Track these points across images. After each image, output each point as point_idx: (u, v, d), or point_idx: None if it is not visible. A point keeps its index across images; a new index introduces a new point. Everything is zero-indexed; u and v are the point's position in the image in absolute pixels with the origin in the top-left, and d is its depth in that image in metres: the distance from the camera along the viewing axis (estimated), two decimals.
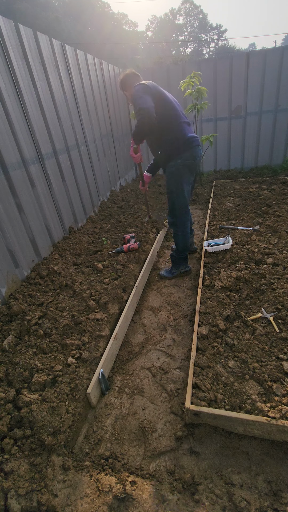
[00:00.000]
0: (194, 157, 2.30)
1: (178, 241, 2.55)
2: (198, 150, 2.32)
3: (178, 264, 2.65)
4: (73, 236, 3.13)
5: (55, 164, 2.94)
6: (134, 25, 39.38)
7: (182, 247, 2.57)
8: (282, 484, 1.14)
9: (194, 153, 2.29)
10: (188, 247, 2.62)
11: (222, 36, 42.41)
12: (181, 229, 2.50)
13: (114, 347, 1.81)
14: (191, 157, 2.29)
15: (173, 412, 1.48)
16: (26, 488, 1.11)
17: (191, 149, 2.27)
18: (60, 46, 3.01)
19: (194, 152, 2.30)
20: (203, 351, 1.65)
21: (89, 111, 3.74)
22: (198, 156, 2.34)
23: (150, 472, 1.24)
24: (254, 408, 1.29)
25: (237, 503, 1.09)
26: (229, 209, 3.72)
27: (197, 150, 2.31)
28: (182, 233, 2.51)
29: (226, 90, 4.95)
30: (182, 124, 2.26)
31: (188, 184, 2.39)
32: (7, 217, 2.21)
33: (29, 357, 1.63)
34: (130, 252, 2.74)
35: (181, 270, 2.66)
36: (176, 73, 5.01)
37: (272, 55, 4.61)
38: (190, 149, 2.27)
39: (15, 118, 2.31)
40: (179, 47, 41.86)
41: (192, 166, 2.34)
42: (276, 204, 3.59)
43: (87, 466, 1.26)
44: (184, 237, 2.53)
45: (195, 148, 2.29)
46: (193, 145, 2.27)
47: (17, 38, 2.32)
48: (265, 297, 2.00)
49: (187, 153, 2.27)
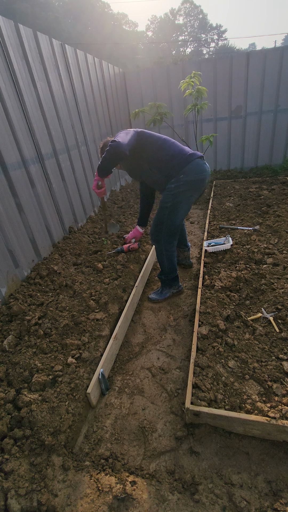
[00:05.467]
0: (198, 172, 1.93)
1: (163, 261, 2.20)
2: (202, 163, 1.97)
3: (169, 285, 2.33)
4: (73, 236, 3.14)
5: (55, 164, 2.94)
6: (134, 25, 39.37)
7: (168, 269, 2.22)
8: (282, 484, 1.14)
9: (198, 167, 1.93)
10: (174, 268, 2.24)
11: (222, 36, 42.40)
12: (167, 254, 2.16)
13: (114, 347, 1.81)
14: (195, 171, 1.92)
15: (173, 412, 1.48)
16: (26, 488, 1.11)
17: (194, 162, 1.92)
18: (60, 46, 3.01)
19: (199, 165, 1.93)
20: (203, 351, 1.65)
21: (89, 111, 3.74)
22: (205, 170, 1.96)
23: (150, 472, 1.24)
24: (254, 408, 1.29)
25: (237, 503, 1.09)
26: (229, 209, 3.72)
27: (201, 163, 1.95)
28: (167, 252, 2.15)
29: (226, 90, 4.94)
30: (176, 143, 2.01)
31: (189, 206, 2.05)
32: (7, 217, 2.21)
33: (29, 357, 1.63)
34: (130, 252, 2.73)
35: (173, 290, 2.36)
36: (176, 73, 5.01)
37: (272, 55, 4.60)
38: (192, 162, 1.92)
39: (15, 118, 2.31)
40: (179, 47, 41.85)
41: (197, 183, 1.95)
42: (276, 204, 3.59)
43: (87, 466, 1.26)
44: (170, 257, 2.17)
45: (199, 161, 1.94)
46: (195, 158, 1.93)
47: (17, 38, 2.33)
48: (265, 297, 2.00)
49: (189, 166, 1.91)
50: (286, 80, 4.70)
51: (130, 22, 38.66)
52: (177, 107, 5.21)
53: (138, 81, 5.27)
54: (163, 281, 2.33)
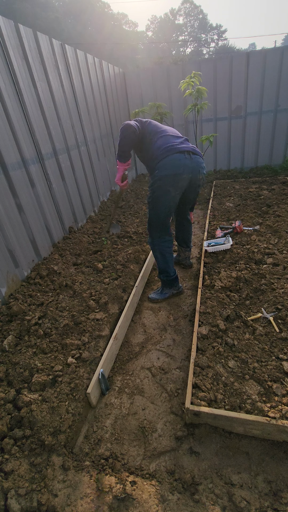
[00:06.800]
0: (172, 166, 1.87)
1: (156, 256, 2.24)
2: (181, 157, 1.89)
3: (169, 285, 2.34)
4: (73, 236, 3.13)
5: (55, 164, 2.94)
6: (134, 25, 39.41)
7: (162, 265, 2.24)
8: (282, 484, 1.14)
9: (172, 161, 1.87)
10: (168, 265, 2.23)
11: (222, 36, 42.40)
12: (159, 249, 2.19)
13: (114, 347, 1.81)
14: (169, 166, 1.88)
15: (173, 412, 1.48)
16: (26, 488, 1.11)
17: (169, 156, 1.88)
18: (60, 46, 3.01)
19: (174, 160, 1.87)
20: (203, 351, 1.65)
21: (89, 111, 3.74)
22: (183, 164, 1.90)
23: (150, 472, 1.24)
24: (254, 408, 1.29)
25: (237, 503, 1.09)
26: (229, 209, 3.72)
27: (178, 157, 1.88)
28: (161, 254, 2.20)
29: (226, 90, 4.94)
30: (167, 136, 1.99)
31: (170, 201, 2.00)
32: (7, 217, 2.21)
33: (29, 357, 1.63)
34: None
35: (173, 291, 2.36)
36: (176, 73, 5.01)
37: (272, 55, 4.61)
38: (167, 157, 1.88)
39: (15, 118, 2.31)
40: (179, 47, 41.86)
41: (172, 178, 1.91)
42: (276, 204, 3.59)
43: (87, 466, 1.26)
44: (162, 252, 2.19)
45: (176, 155, 1.88)
46: (173, 152, 1.88)
47: (17, 38, 2.32)
48: (265, 297, 2.00)
49: (163, 161, 1.89)
50: (286, 80, 4.70)
51: (130, 22, 38.71)
52: (177, 107, 5.21)
53: (138, 81, 5.27)
54: (163, 281, 2.34)
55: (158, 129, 2.06)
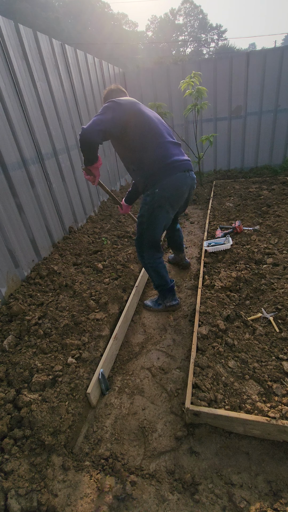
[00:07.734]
0: (176, 187, 1.78)
1: (151, 274, 2.12)
2: (183, 177, 1.78)
3: (164, 296, 2.20)
4: (73, 236, 3.13)
5: (55, 164, 2.94)
6: (134, 25, 39.43)
7: (158, 282, 2.12)
8: (282, 484, 1.14)
9: (177, 182, 1.76)
10: (165, 280, 2.12)
11: (222, 36, 42.42)
12: (152, 266, 2.06)
13: (114, 347, 1.81)
14: (173, 187, 1.76)
15: (173, 412, 1.48)
16: (26, 488, 1.11)
17: (173, 176, 1.74)
18: (60, 46, 3.01)
19: (178, 181, 1.76)
20: (203, 351, 1.65)
21: (89, 111, 3.74)
22: (185, 184, 1.81)
23: (150, 472, 1.24)
24: (254, 408, 1.29)
25: (237, 503, 1.09)
26: (229, 209, 3.72)
27: (182, 178, 1.77)
28: (154, 271, 2.07)
29: (226, 90, 4.94)
30: (165, 143, 1.76)
31: (168, 220, 1.92)
32: (7, 217, 2.21)
33: (29, 357, 1.63)
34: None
35: (167, 303, 2.20)
36: (176, 73, 5.01)
37: (272, 55, 4.60)
38: (171, 176, 1.74)
39: (15, 118, 2.31)
40: (179, 47, 41.88)
41: (174, 199, 1.81)
42: (276, 204, 3.59)
43: (87, 466, 1.26)
44: (156, 269, 2.06)
45: (179, 175, 1.76)
46: (176, 171, 1.75)
47: (17, 38, 2.33)
48: (265, 297, 2.00)
49: (166, 181, 1.74)
50: (286, 80, 4.70)
51: (130, 22, 38.72)
52: (177, 107, 5.21)
53: (138, 81, 5.27)
54: (158, 291, 2.23)
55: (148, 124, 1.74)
